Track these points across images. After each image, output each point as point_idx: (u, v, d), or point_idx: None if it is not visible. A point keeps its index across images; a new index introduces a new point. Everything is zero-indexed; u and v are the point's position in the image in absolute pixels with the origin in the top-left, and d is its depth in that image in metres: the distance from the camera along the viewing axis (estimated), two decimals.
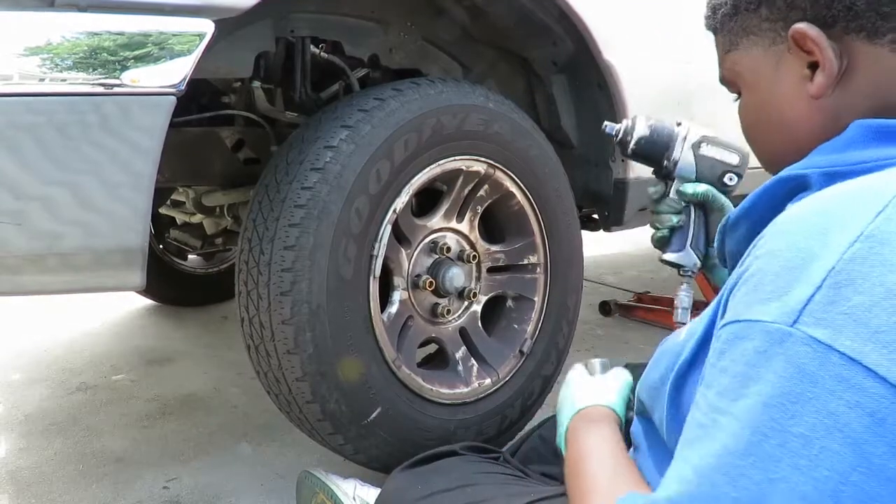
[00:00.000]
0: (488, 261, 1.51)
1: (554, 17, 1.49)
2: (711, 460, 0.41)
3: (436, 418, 1.37)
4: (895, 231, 0.42)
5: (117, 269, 1.01)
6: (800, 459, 0.38)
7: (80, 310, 2.68)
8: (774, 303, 0.41)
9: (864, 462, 0.37)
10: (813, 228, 0.43)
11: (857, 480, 0.37)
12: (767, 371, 0.40)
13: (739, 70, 0.64)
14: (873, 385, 0.37)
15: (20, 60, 0.89)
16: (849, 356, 0.38)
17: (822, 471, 0.37)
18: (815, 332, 0.39)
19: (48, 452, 1.60)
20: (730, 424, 0.41)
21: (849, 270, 0.40)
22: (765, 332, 0.41)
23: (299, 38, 1.45)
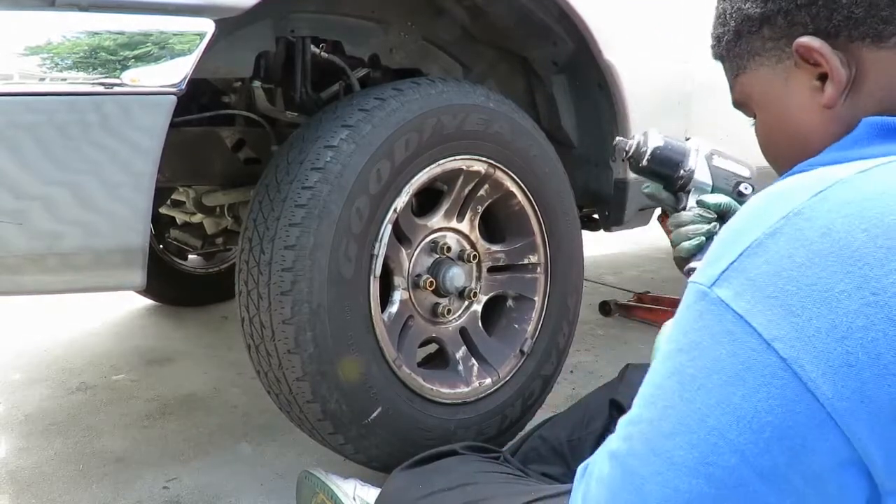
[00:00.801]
0: (489, 260, 1.51)
1: (554, 17, 1.49)
2: (645, 389, 0.51)
3: (436, 418, 1.37)
4: (824, 210, 0.45)
5: (117, 269, 1.01)
6: (685, 392, 0.47)
7: (80, 310, 2.68)
8: (708, 269, 0.49)
9: (726, 400, 0.45)
10: (761, 206, 0.49)
11: (717, 414, 0.45)
12: (685, 322, 0.49)
13: (750, 92, 0.65)
14: (750, 339, 0.44)
15: (21, 60, 0.89)
16: (740, 315, 0.45)
17: (697, 403, 0.46)
18: (722, 293, 0.46)
19: (48, 452, 1.59)
20: (658, 363, 0.51)
21: (766, 243, 0.46)
22: (693, 292, 0.49)
23: (300, 38, 1.45)
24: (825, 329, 0.42)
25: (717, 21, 0.67)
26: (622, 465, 0.49)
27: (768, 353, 0.43)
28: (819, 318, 0.43)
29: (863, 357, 0.41)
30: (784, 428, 0.43)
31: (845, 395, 0.42)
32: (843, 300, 0.42)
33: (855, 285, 0.42)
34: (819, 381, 0.42)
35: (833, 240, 0.44)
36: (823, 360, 0.42)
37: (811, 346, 0.42)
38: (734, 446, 0.44)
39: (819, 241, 0.44)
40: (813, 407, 0.42)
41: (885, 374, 0.41)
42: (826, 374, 0.42)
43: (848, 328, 0.42)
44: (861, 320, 0.42)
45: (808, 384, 0.42)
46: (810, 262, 0.44)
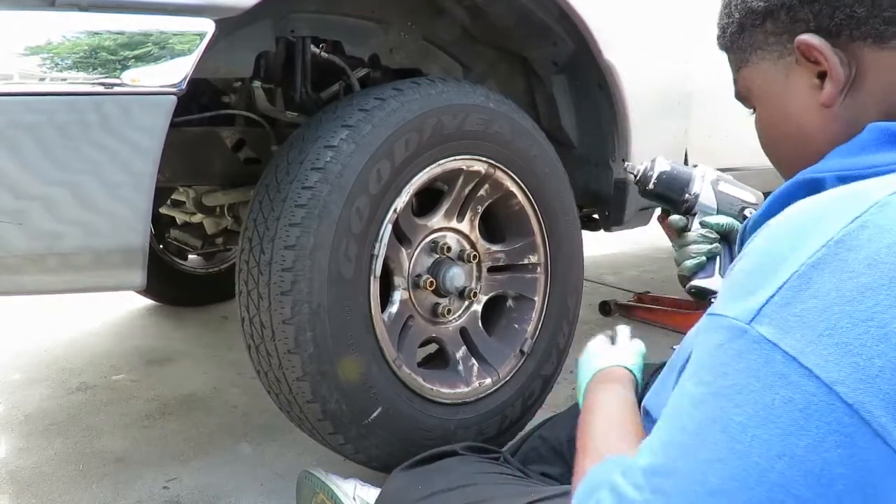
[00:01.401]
0: (489, 260, 1.51)
1: (554, 17, 1.49)
2: (674, 436, 0.46)
3: (436, 418, 1.37)
4: (865, 239, 0.43)
5: (118, 269, 1.01)
6: (736, 444, 0.42)
7: (80, 310, 2.68)
8: (741, 301, 0.45)
9: (789, 452, 0.40)
10: (792, 231, 0.46)
11: (781, 468, 0.40)
12: (722, 363, 0.45)
13: (751, 86, 0.64)
14: (807, 383, 0.41)
15: (21, 60, 0.89)
16: (791, 355, 0.41)
17: (753, 457, 0.41)
18: (766, 331, 0.43)
19: (48, 452, 1.59)
20: (689, 407, 0.46)
21: (809, 275, 0.43)
22: (726, 328, 0.45)
23: (300, 38, 1.45)
24: (889, 368, 0.40)
25: (723, 12, 0.66)
26: None
27: (831, 398, 0.40)
28: (881, 357, 0.40)
29: None
30: (857, 478, 0.40)
31: None
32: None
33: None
34: (889, 426, 0.39)
35: (881, 272, 0.41)
36: (891, 402, 0.39)
37: (876, 388, 0.40)
38: (803, 501, 0.40)
39: (867, 272, 0.42)
40: (885, 453, 0.39)
41: None
42: (894, 417, 0.39)
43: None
44: None
45: (878, 430, 0.39)
46: (862, 295, 0.41)
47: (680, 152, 1.79)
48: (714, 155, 1.91)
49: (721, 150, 1.94)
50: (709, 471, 0.42)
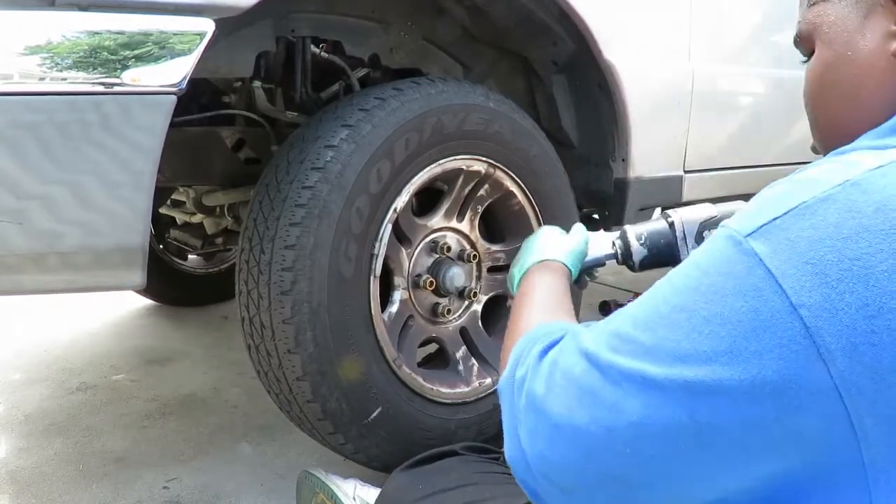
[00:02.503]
0: (489, 260, 1.51)
1: (554, 17, 1.49)
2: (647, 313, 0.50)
3: (436, 418, 1.37)
4: (881, 186, 0.44)
5: (117, 269, 1.01)
6: (693, 332, 0.46)
7: (80, 310, 2.68)
8: (747, 218, 0.48)
9: (735, 351, 0.44)
10: (817, 175, 0.48)
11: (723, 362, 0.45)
12: (710, 263, 0.48)
13: (821, 22, 0.61)
14: (776, 300, 0.44)
15: (21, 59, 0.89)
16: (772, 273, 0.44)
17: (704, 346, 0.46)
18: (757, 246, 0.45)
19: (48, 452, 1.59)
20: (668, 292, 0.50)
21: (815, 207, 0.45)
22: (725, 236, 0.48)
23: (300, 38, 1.45)
24: (856, 304, 0.42)
25: None
26: (604, 374, 0.50)
27: (792, 318, 0.43)
28: (852, 294, 0.42)
29: (886, 338, 0.42)
30: (785, 388, 0.43)
31: (858, 371, 0.42)
32: (883, 280, 0.42)
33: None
34: (836, 355, 0.42)
35: (886, 217, 0.43)
36: (846, 336, 0.42)
37: (837, 320, 0.42)
38: (729, 393, 0.44)
39: (872, 215, 0.43)
40: (822, 377, 0.43)
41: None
42: (845, 349, 0.42)
43: (880, 308, 0.42)
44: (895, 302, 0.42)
45: (823, 355, 0.42)
46: (858, 235, 0.43)
47: (680, 152, 1.79)
48: (714, 155, 1.92)
49: (721, 150, 1.94)
50: (661, 346, 0.47)
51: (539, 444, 0.52)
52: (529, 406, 0.54)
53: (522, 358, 0.58)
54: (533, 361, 0.56)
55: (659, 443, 0.47)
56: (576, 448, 0.50)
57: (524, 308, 0.74)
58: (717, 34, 1.83)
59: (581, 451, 0.50)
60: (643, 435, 0.47)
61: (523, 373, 0.56)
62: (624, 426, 0.48)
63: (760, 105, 2.05)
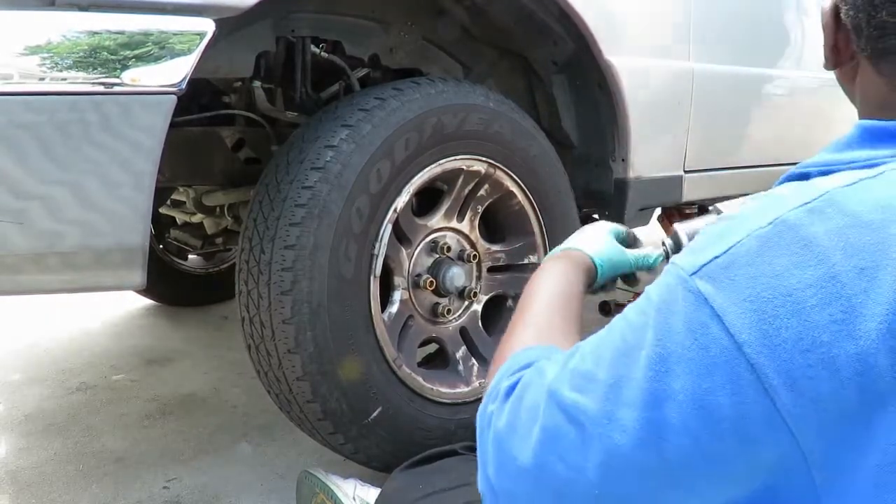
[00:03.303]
0: (489, 260, 1.51)
1: (554, 17, 1.49)
2: (604, 350, 0.52)
3: (436, 418, 1.37)
4: (808, 221, 0.46)
5: (118, 269, 1.01)
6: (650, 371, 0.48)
7: (80, 310, 2.68)
8: (693, 255, 0.50)
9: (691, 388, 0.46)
10: (753, 209, 0.50)
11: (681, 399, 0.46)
12: (661, 301, 0.50)
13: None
14: (723, 337, 0.45)
15: (21, 59, 0.89)
16: (716, 311, 0.46)
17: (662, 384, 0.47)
18: (701, 285, 0.47)
19: (48, 452, 1.59)
20: (625, 329, 0.51)
21: (749, 246, 0.47)
22: (673, 274, 0.50)
23: (300, 38, 1.45)
24: (791, 340, 0.44)
25: None
26: (566, 414, 0.50)
27: (737, 355, 0.45)
28: (787, 329, 0.44)
29: (822, 371, 0.43)
30: (740, 423, 0.45)
31: (801, 404, 0.44)
32: (813, 314, 0.44)
33: (826, 301, 0.44)
34: (779, 390, 0.44)
35: (813, 254, 0.45)
36: (785, 371, 0.44)
37: (776, 356, 0.44)
38: (691, 432, 0.46)
39: (800, 252, 0.45)
40: (770, 410, 0.44)
41: (840, 388, 0.43)
42: (786, 384, 0.44)
43: (812, 342, 0.44)
44: (826, 335, 0.43)
45: (768, 390, 0.44)
46: (788, 272, 0.45)
47: (680, 152, 1.79)
48: (714, 155, 1.92)
49: (721, 150, 1.94)
50: (622, 385, 0.48)
51: (506, 483, 0.53)
52: (496, 444, 0.54)
53: (493, 392, 0.58)
54: (501, 397, 0.56)
55: (628, 483, 0.48)
56: (543, 488, 0.51)
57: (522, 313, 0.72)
58: (717, 34, 1.83)
59: (548, 492, 0.51)
60: (612, 476, 0.48)
61: (493, 408, 0.56)
62: (592, 467, 0.48)
63: (760, 105, 2.05)
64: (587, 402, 0.50)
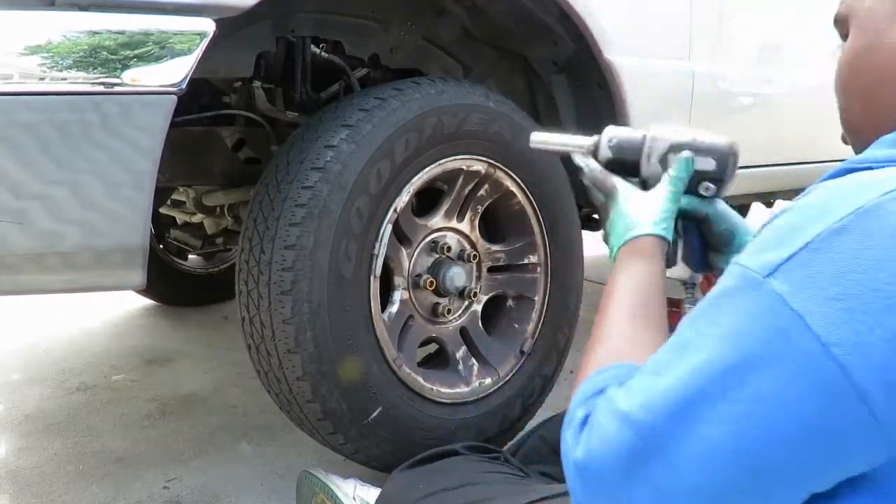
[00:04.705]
0: (489, 260, 1.51)
1: (554, 17, 1.49)
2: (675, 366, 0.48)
3: (436, 418, 1.37)
4: (893, 210, 0.43)
5: (118, 269, 1.01)
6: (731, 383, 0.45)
7: (80, 310, 2.68)
8: (763, 254, 0.46)
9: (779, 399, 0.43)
10: (824, 200, 0.47)
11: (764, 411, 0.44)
12: (732, 309, 0.47)
13: (858, 7, 0.61)
14: (806, 341, 0.42)
15: (21, 59, 0.89)
16: (798, 313, 0.43)
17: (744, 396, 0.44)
18: (778, 286, 0.44)
19: (48, 452, 1.59)
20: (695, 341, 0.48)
21: (831, 239, 0.44)
22: (744, 277, 0.47)
23: (300, 38, 1.45)
24: (884, 338, 0.41)
25: None
26: (642, 437, 0.47)
27: (825, 358, 0.42)
28: (881, 327, 0.41)
29: None
30: (833, 432, 0.42)
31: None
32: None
33: None
34: (874, 394, 0.41)
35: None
36: (879, 373, 0.41)
37: (870, 356, 0.41)
38: (784, 444, 0.43)
39: (888, 243, 0.43)
40: (864, 417, 0.42)
41: None
42: (882, 387, 0.41)
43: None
44: None
45: (862, 395, 0.41)
46: (878, 265, 0.42)
47: None
48: None
49: None
50: (702, 401, 0.46)
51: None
52: (578, 473, 0.51)
53: (570, 418, 0.56)
54: (575, 427, 0.54)
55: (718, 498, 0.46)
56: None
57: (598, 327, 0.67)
58: (718, 34, 1.83)
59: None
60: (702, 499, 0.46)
61: (569, 436, 0.54)
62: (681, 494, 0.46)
63: (761, 105, 2.05)
64: (662, 421, 0.47)
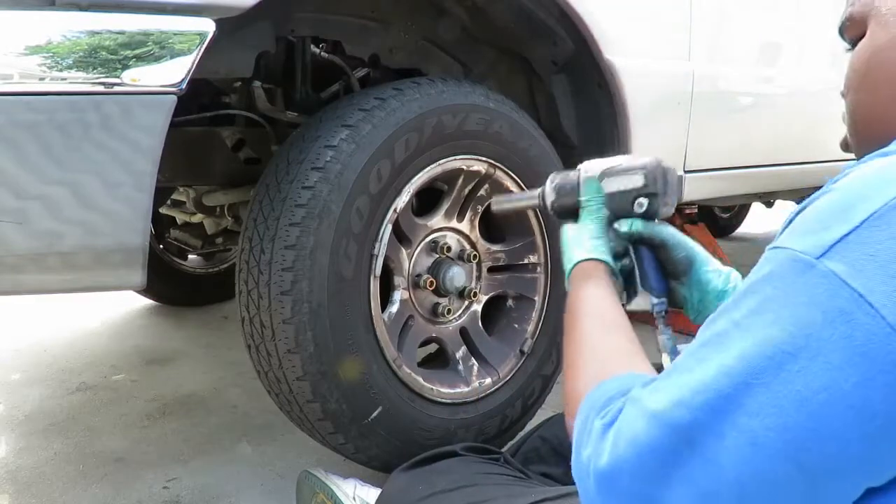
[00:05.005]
0: (489, 260, 1.51)
1: (554, 17, 1.49)
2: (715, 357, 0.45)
3: (436, 418, 1.37)
4: None
5: (118, 269, 1.01)
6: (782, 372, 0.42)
7: (80, 310, 2.68)
8: (812, 236, 0.44)
9: (834, 386, 0.41)
10: (873, 176, 0.45)
11: (822, 400, 0.41)
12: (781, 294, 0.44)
13: (879, 5, 0.60)
14: (870, 322, 0.40)
15: (21, 59, 0.88)
16: (859, 293, 0.41)
17: (797, 386, 0.42)
18: (836, 266, 0.42)
19: (48, 452, 1.59)
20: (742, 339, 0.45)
21: (888, 215, 0.42)
22: (792, 260, 0.44)
23: (300, 38, 1.45)
24: None
25: None
26: (680, 435, 0.45)
27: (891, 339, 0.40)
28: None
29: None
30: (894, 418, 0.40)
31: None
32: None
33: None
34: None
35: None
36: None
37: None
38: (838, 435, 0.41)
39: None
40: None
41: None
42: None
43: None
44: None
45: None
46: None
47: (680, 152, 1.79)
48: (714, 155, 1.92)
49: (721, 150, 1.94)
50: (747, 392, 0.43)
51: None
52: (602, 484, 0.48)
53: (583, 436, 0.53)
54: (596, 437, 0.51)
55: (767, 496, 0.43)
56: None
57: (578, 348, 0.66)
58: (718, 34, 1.83)
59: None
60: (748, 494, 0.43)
61: (589, 452, 0.51)
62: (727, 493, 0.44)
63: (761, 105, 2.05)
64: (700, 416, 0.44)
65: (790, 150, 2.14)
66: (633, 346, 0.64)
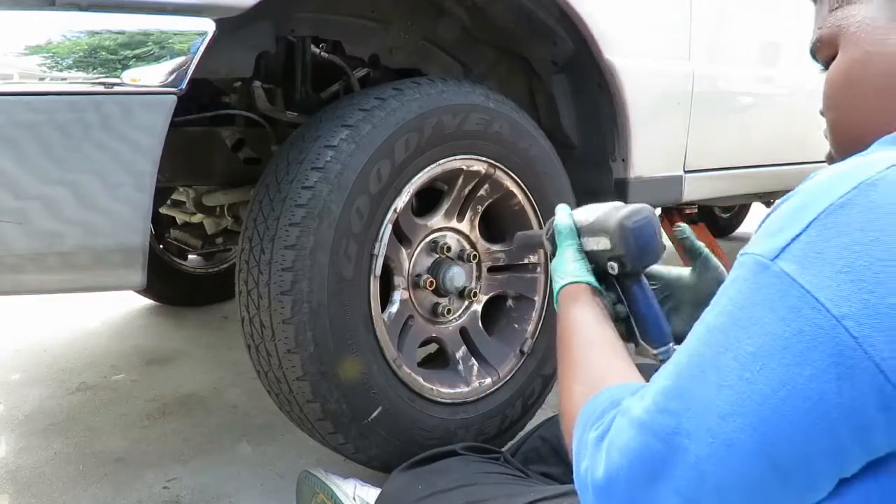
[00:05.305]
0: (489, 260, 1.51)
1: (554, 17, 1.49)
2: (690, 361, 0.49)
3: (436, 418, 1.37)
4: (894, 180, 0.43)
5: (118, 269, 1.01)
6: (745, 372, 0.45)
7: (80, 310, 2.68)
8: (770, 239, 0.47)
9: (791, 381, 0.43)
10: (825, 181, 0.47)
11: (783, 396, 0.43)
12: (742, 296, 0.47)
13: (847, 24, 0.61)
14: (817, 316, 0.42)
15: (21, 59, 0.89)
16: (806, 289, 0.43)
17: (759, 384, 0.44)
18: (787, 266, 0.44)
19: (48, 452, 1.59)
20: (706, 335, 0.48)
21: (836, 214, 0.44)
22: (751, 264, 0.47)
23: (300, 38, 1.45)
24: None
25: None
26: (665, 441, 0.47)
27: (837, 331, 0.42)
28: (893, 295, 0.41)
29: None
30: (852, 408, 0.42)
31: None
32: None
33: None
34: (889, 361, 0.41)
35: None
36: (894, 342, 0.40)
37: (884, 325, 0.41)
38: (799, 428, 0.43)
39: (894, 213, 0.42)
40: (884, 388, 0.41)
41: None
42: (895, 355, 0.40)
43: None
44: None
45: (879, 364, 0.41)
46: (885, 235, 0.42)
47: (680, 152, 1.79)
48: (714, 155, 1.92)
49: (721, 150, 1.94)
50: (718, 395, 0.45)
51: None
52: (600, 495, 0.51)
53: (580, 451, 0.55)
54: (590, 450, 0.53)
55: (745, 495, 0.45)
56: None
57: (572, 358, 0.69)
58: (718, 34, 1.83)
59: None
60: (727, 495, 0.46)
61: (587, 464, 0.53)
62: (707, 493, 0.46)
63: (761, 105, 2.05)
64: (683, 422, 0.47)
65: (790, 150, 2.14)
66: (622, 361, 0.66)
